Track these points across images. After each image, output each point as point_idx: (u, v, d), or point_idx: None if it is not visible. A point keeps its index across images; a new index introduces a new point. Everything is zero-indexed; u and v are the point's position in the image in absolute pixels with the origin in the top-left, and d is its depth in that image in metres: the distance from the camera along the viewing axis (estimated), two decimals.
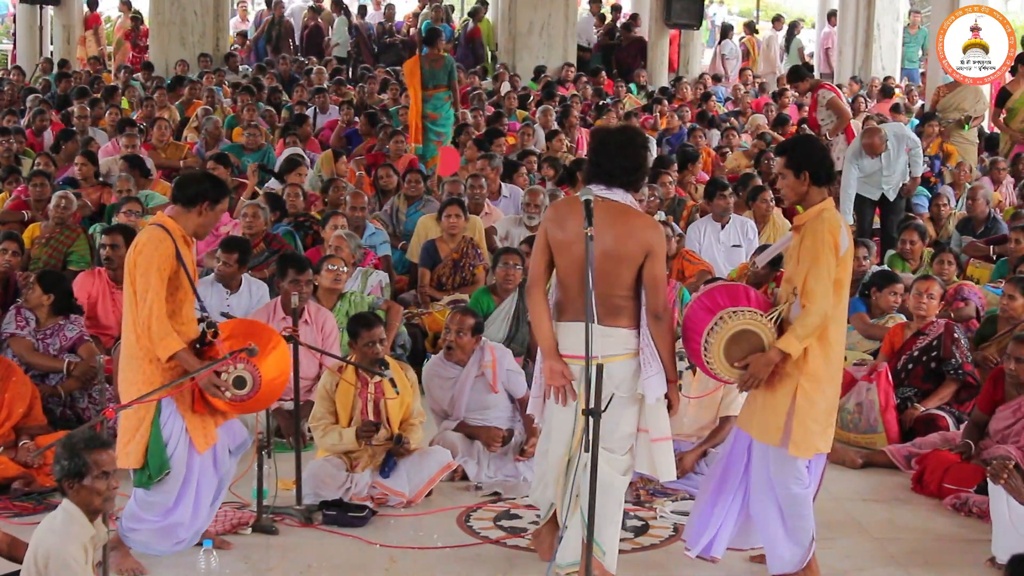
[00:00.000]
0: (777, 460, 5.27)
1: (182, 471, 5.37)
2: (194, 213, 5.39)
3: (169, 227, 5.33)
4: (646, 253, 5.13)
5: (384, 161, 12.21)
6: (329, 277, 7.97)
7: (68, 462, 4.43)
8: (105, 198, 10.88)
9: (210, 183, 5.48)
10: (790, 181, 5.28)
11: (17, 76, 18.58)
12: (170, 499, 5.39)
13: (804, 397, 5.19)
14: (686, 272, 9.28)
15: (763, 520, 5.36)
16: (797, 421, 5.19)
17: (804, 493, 5.31)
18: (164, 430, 5.32)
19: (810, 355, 5.18)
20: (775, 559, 5.37)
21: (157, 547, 5.48)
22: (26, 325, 7.39)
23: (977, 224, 10.66)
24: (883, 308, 8.28)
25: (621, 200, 5.18)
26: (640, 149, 5.28)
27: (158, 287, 5.21)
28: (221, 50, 19.50)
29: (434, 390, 6.95)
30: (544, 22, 19.92)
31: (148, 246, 5.27)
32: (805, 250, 5.16)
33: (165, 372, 5.30)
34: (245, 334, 5.52)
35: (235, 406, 5.46)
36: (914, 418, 7.36)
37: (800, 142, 5.53)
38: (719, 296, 5.25)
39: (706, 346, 5.17)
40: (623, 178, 5.20)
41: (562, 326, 5.23)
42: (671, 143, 14.77)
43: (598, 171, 5.24)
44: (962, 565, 5.80)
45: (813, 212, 5.24)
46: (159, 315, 5.20)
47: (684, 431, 6.84)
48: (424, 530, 6.04)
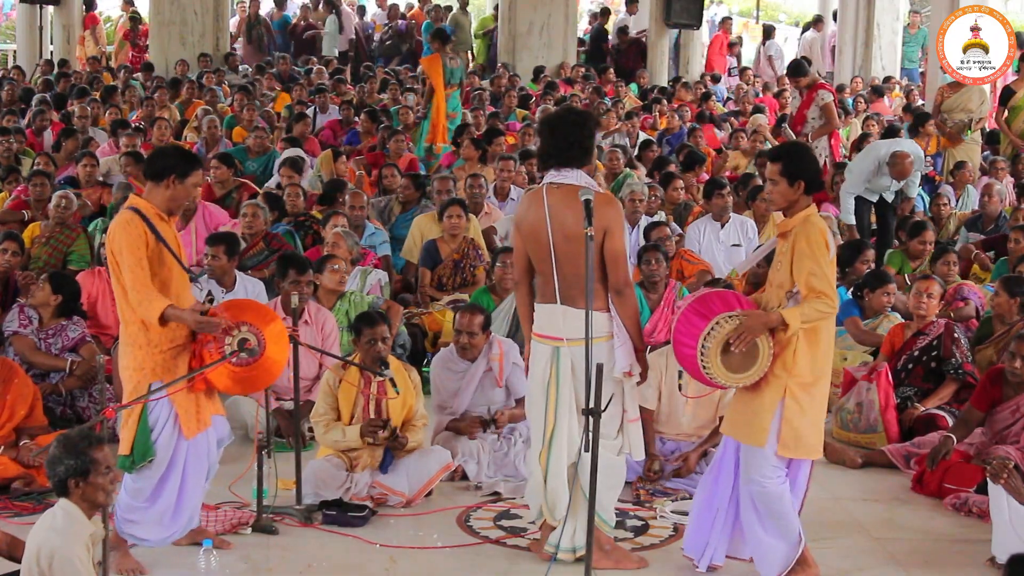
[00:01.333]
0: (751, 457, 5.25)
1: (166, 458, 5.36)
2: (163, 187, 5.36)
3: (140, 206, 5.32)
4: (604, 230, 5.27)
5: (385, 161, 12.23)
6: (333, 278, 7.96)
7: (74, 461, 4.46)
8: (105, 198, 10.89)
9: (178, 156, 5.46)
10: (782, 188, 5.26)
11: (17, 76, 18.58)
12: (153, 485, 5.39)
13: (793, 399, 5.18)
14: (686, 272, 9.27)
15: (748, 525, 5.36)
16: (786, 424, 5.19)
17: (780, 490, 5.27)
18: (151, 416, 5.32)
19: (799, 357, 5.17)
20: (764, 565, 5.35)
21: (152, 538, 5.47)
22: (29, 324, 7.41)
23: (987, 221, 10.65)
24: (876, 309, 8.28)
25: (575, 181, 5.34)
26: (573, 126, 5.40)
27: (133, 264, 5.19)
28: (221, 50, 19.51)
29: (442, 381, 6.95)
30: (544, 22, 19.94)
31: (116, 230, 5.29)
32: (800, 254, 5.15)
33: (155, 356, 5.29)
34: (243, 307, 5.57)
35: (238, 374, 5.43)
36: (914, 418, 7.36)
37: (796, 150, 5.47)
38: (713, 302, 5.25)
39: (703, 351, 5.15)
40: (563, 156, 5.37)
41: (537, 307, 5.49)
42: (671, 143, 14.76)
43: (546, 156, 5.46)
44: (962, 565, 5.80)
45: (799, 218, 5.24)
46: (136, 285, 5.19)
47: (684, 430, 6.86)
48: (424, 530, 6.04)
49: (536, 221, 5.38)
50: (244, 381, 5.53)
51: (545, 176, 5.45)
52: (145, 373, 5.30)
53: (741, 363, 5.16)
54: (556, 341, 5.36)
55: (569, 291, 5.30)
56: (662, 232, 9.31)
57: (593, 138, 5.52)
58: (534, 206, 5.43)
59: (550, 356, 5.39)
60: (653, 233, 9.37)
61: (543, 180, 5.48)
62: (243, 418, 6.91)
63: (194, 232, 9.51)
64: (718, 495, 5.43)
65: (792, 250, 5.19)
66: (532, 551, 5.72)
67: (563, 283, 5.31)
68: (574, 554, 5.45)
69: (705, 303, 5.25)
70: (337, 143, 14.11)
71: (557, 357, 5.37)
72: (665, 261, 8.47)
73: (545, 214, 5.32)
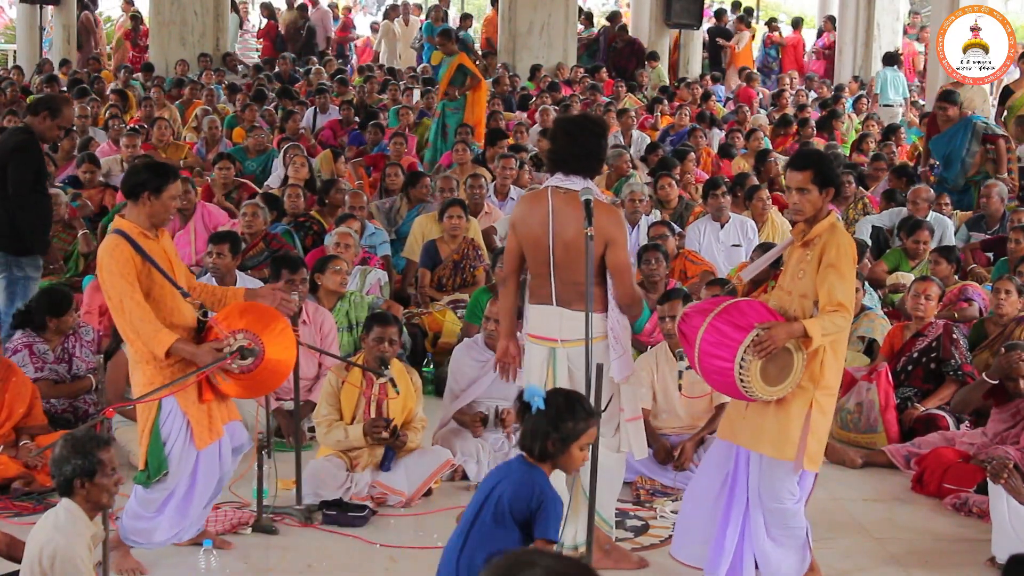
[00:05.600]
0: (776, 474, 5.12)
1: (180, 470, 5.35)
2: (140, 205, 5.34)
3: (124, 228, 5.29)
4: (605, 242, 5.23)
5: (385, 162, 12.23)
6: (336, 280, 7.96)
7: (81, 461, 4.45)
8: (107, 199, 10.90)
9: (150, 172, 5.41)
10: (813, 197, 5.08)
11: (17, 76, 18.58)
12: (164, 496, 5.38)
13: (819, 410, 5.05)
14: (688, 272, 9.27)
15: (759, 539, 5.24)
16: (812, 436, 5.05)
17: (796, 508, 5.19)
18: (163, 429, 5.30)
19: (826, 368, 5.04)
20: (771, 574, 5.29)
21: (154, 540, 5.46)
22: (44, 364, 7.17)
23: (990, 222, 10.64)
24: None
25: (578, 188, 5.29)
26: (593, 136, 5.39)
27: (130, 291, 5.17)
28: (221, 50, 19.52)
29: (460, 368, 6.94)
30: (544, 22, 19.95)
31: (104, 256, 5.27)
32: (827, 264, 5.00)
33: (164, 371, 5.28)
34: (248, 310, 5.51)
35: (243, 381, 5.39)
36: (914, 418, 7.37)
37: (823, 157, 5.32)
38: (746, 312, 5.01)
39: (742, 364, 4.90)
40: (576, 165, 5.33)
41: (532, 308, 5.45)
42: (673, 143, 14.75)
43: (556, 159, 5.40)
44: (962, 565, 5.80)
45: (825, 225, 5.09)
46: (142, 316, 5.18)
47: (682, 423, 6.88)
48: (424, 530, 6.04)
49: (537, 224, 5.34)
50: (252, 386, 5.48)
51: (550, 179, 5.42)
52: (156, 387, 5.29)
53: (777, 376, 4.97)
54: (552, 342, 5.35)
55: (566, 294, 5.28)
56: (657, 231, 9.31)
57: (606, 150, 5.54)
58: (536, 209, 5.38)
59: (546, 357, 5.37)
60: (651, 231, 9.39)
61: (546, 183, 5.45)
62: (243, 418, 6.89)
63: (193, 232, 9.52)
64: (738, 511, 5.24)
65: (820, 259, 5.04)
66: None
67: (560, 287, 5.29)
68: (576, 551, 5.44)
69: (739, 312, 5.01)
70: (337, 143, 14.12)
71: (554, 358, 5.36)
72: (665, 261, 8.48)
73: (548, 218, 5.28)
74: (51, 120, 7.78)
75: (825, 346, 5.00)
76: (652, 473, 6.66)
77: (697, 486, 5.43)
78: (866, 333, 8.19)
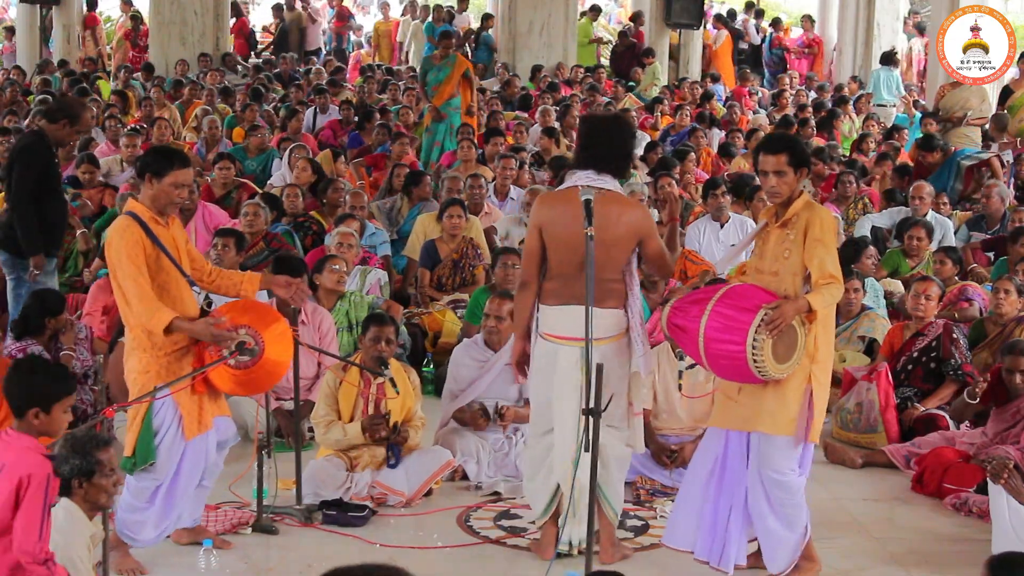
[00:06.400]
0: (776, 449, 5.20)
1: (168, 460, 5.35)
2: (146, 187, 5.37)
3: (137, 211, 5.31)
4: (639, 238, 5.32)
5: (385, 162, 12.23)
6: (333, 278, 7.96)
7: (80, 461, 4.46)
8: (106, 199, 10.89)
9: (153, 155, 5.45)
10: (789, 178, 5.22)
11: (17, 76, 18.58)
12: (155, 485, 5.38)
13: (818, 384, 5.19)
14: (689, 272, 9.27)
15: (759, 517, 5.32)
16: (814, 407, 5.18)
17: (799, 482, 5.29)
18: (155, 420, 5.31)
19: (819, 342, 5.17)
20: (772, 555, 5.34)
21: (147, 535, 5.45)
22: None
23: (990, 222, 10.64)
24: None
25: (610, 187, 5.31)
26: (629, 137, 5.49)
27: (133, 271, 5.18)
28: (221, 50, 19.51)
29: (459, 368, 6.93)
30: (544, 22, 19.94)
31: (114, 236, 5.28)
32: (812, 239, 5.12)
33: (160, 359, 5.29)
34: (245, 308, 5.53)
35: (238, 377, 5.40)
36: (914, 418, 7.37)
37: (794, 139, 5.50)
38: (750, 294, 5.12)
39: (754, 344, 4.96)
40: (612, 164, 5.35)
41: (551, 309, 5.38)
42: (673, 143, 14.74)
43: (588, 157, 5.37)
44: (962, 565, 5.79)
45: (801, 203, 5.23)
46: (139, 294, 5.17)
47: (683, 424, 6.87)
48: (424, 530, 6.04)
49: (571, 222, 5.21)
50: (246, 383, 5.51)
51: (575, 178, 5.34)
52: (150, 376, 5.29)
53: (784, 353, 5.07)
54: (579, 342, 5.15)
55: (599, 292, 5.17)
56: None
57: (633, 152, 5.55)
58: (567, 208, 5.26)
59: (579, 358, 5.20)
60: None
61: (570, 181, 5.35)
62: (243, 418, 6.90)
63: (194, 232, 9.51)
64: (727, 493, 5.34)
65: (804, 235, 5.15)
66: (532, 551, 5.71)
67: (596, 286, 5.13)
68: (580, 546, 5.45)
69: (741, 296, 5.10)
70: (337, 143, 14.11)
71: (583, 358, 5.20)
72: None
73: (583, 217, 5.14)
74: (71, 127, 7.79)
75: (817, 320, 5.14)
76: (652, 473, 6.66)
77: (689, 475, 5.55)
78: (866, 333, 8.19)
